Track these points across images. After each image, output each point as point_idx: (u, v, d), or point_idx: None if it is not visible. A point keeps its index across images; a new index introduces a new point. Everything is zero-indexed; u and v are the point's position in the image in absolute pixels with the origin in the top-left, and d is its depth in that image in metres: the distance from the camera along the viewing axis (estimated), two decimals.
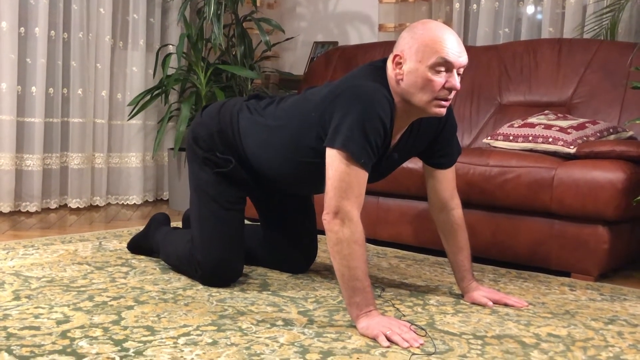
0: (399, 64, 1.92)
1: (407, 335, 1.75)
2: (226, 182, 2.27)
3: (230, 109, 2.30)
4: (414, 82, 1.90)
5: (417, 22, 1.96)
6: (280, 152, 2.15)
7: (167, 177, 4.48)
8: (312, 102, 2.06)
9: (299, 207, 2.50)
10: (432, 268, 2.71)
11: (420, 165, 2.25)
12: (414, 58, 1.89)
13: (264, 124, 2.20)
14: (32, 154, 3.78)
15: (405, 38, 1.93)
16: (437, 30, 1.90)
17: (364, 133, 1.84)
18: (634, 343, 1.86)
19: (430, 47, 1.87)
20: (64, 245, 2.84)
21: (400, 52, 1.92)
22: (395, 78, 1.93)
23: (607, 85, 3.20)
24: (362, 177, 1.87)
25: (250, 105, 2.28)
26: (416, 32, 1.91)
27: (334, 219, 1.85)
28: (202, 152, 2.29)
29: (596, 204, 2.54)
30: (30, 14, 3.74)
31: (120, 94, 4.27)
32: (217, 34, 3.94)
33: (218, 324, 1.85)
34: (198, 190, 2.30)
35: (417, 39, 1.89)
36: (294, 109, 2.14)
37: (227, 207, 2.27)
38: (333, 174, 1.86)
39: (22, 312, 1.89)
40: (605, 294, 2.41)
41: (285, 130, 2.13)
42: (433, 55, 1.86)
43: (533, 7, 3.84)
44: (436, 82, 1.88)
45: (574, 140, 2.76)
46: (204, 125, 2.31)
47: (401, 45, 1.93)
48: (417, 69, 1.89)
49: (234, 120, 2.26)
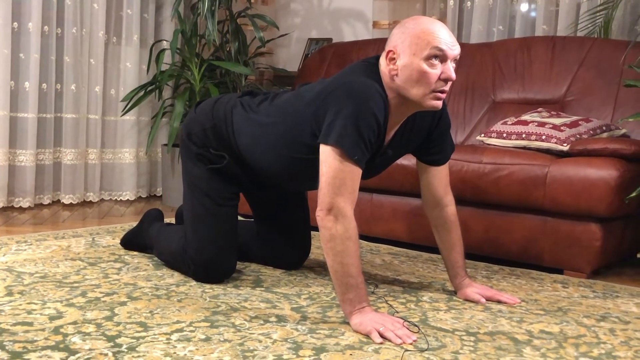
0: (393, 60, 1.92)
1: (400, 332, 1.76)
2: (220, 178, 2.27)
3: (223, 106, 2.29)
4: (409, 76, 1.90)
5: (407, 19, 1.97)
6: (274, 149, 2.15)
7: (160, 173, 4.47)
8: (306, 98, 2.06)
9: (292, 203, 2.50)
10: (425, 265, 2.71)
11: (414, 162, 2.25)
12: (407, 52, 1.89)
13: (257, 120, 2.19)
14: (25, 149, 3.77)
15: (397, 34, 1.93)
16: (428, 24, 1.90)
17: (357, 129, 1.84)
18: (625, 340, 1.87)
19: (422, 39, 1.87)
20: (57, 241, 2.83)
21: (393, 48, 1.92)
22: (389, 74, 1.94)
23: (600, 83, 3.21)
24: (356, 173, 1.87)
25: (244, 101, 2.27)
26: (407, 26, 1.91)
27: (328, 215, 1.85)
28: (196, 148, 2.28)
29: (589, 201, 2.55)
30: (23, 9, 3.72)
31: (114, 90, 4.26)
32: (211, 30, 3.93)
33: (211, 320, 1.85)
34: (191, 186, 2.30)
35: (409, 33, 1.89)
36: (287, 105, 2.14)
37: (220, 203, 2.27)
38: (327, 170, 1.86)
39: (15, 307, 1.88)
40: (598, 291, 2.42)
41: (279, 126, 2.13)
42: (426, 47, 1.87)
43: (527, 5, 3.85)
44: (431, 73, 1.88)
45: (567, 137, 2.77)
46: (198, 122, 2.31)
47: (393, 41, 1.93)
48: (411, 63, 1.89)
49: (228, 116, 2.26)
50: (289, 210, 2.50)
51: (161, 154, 4.41)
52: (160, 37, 4.43)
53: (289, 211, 2.49)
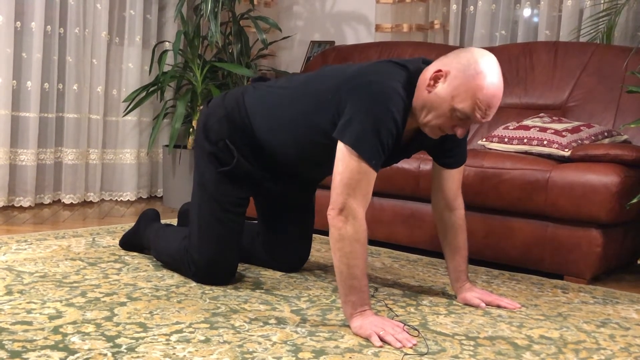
0: (437, 79, 1.89)
1: (400, 336, 1.75)
2: (229, 182, 2.25)
3: (234, 94, 2.30)
4: (432, 104, 1.89)
5: (478, 53, 1.89)
6: (289, 127, 2.12)
7: (161, 174, 4.47)
8: (331, 82, 2.02)
9: (300, 208, 2.49)
10: (425, 268, 2.71)
11: (415, 166, 2.25)
12: (449, 88, 1.87)
13: (272, 97, 2.18)
14: (27, 148, 3.77)
15: (456, 64, 1.88)
16: (486, 80, 1.86)
17: (376, 134, 1.83)
18: (625, 346, 1.86)
19: (469, 94, 1.85)
20: (57, 241, 2.83)
21: (446, 72, 1.88)
22: (426, 87, 1.91)
23: (602, 88, 3.21)
24: (371, 176, 1.86)
25: (256, 85, 2.28)
26: (470, 66, 1.86)
27: (339, 215, 1.84)
28: (209, 146, 2.25)
29: (590, 207, 2.55)
30: (26, 9, 3.73)
31: (116, 90, 4.26)
32: (214, 31, 3.93)
33: (211, 321, 1.85)
34: (201, 188, 2.28)
35: (465, 77, 1.85)
36: (309, 84, 2.12)
37: (227, 209, 2.25)
38: (342, 170, 1.85)
39: (15, 307, 1.88)
40: (598, 296, 2.42)
41: (297, 104, 2.10)
42: (464, 103, 1.86)
43: (530, 10, 3.85)
44: (447, 122, 1.90)
45: (569, 143, 2.77)
46: (211, 114, 2.29)
47: (452, 65, 1.88)
48: (444, 99, 1.87)
49: (240, 101, 2.24)
50: (296, 215, 2.48)
51: (162, 155, 4.41)
52: (162, 38, 4.44)
53: (295, 214, 2.48)
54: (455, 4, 4.00)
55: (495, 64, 1.90)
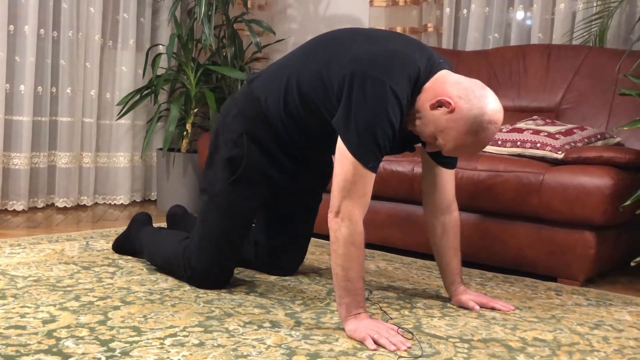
0: (442, 106, 1.85)
1: (394, 339, 1.76)
2: (242, 192, 2.22)
3: (240, 91, 2.31)
4: (425, 117, 1.89)
5: (491, 113, 1.83)
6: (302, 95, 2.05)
7: (155, 177, 4.47)
8: (345, 53, 1.94)
9: (304, 213, 2.48)
10: (419, 271, 2.71)
11: (409, 168, 2.25)
12: (445, 122, 1.85)
13: (281, 70, 2.14)
14: (20, 152, 3.76)
15: (469, 111, 1.83)
16: (477, 145, 1.88)
17: (374, 137, 1.82)
18: (619, 348, 1.87)
19: (455, 143, 1.87)
20: (50, 245, 2.83)
21: (452, 109, 1.84)
22: (429, 101, 1.87)
23: (595, 91, 3.22)
24: (369, 178, 1.86)
25: (259, 72, 2.27)
26: (475, 123, 1.83)
27: (335, 217, 1.85)
28: (226, 150, 2.20)
29: (583, 210, 2.56)
30: (19, 12, 3.72)
31: (109, 94, 4.26)
32: (208, 34, 3.93)
33: (205, 325, 1.85)
34: (210, 198, 2.24)
35: (464, 129, 1.83)
36: (329, 48, 2.04)
37: (234, 221, 2.24)
38: (339, 172, 1.85)
39: (8, 311, 1.88)
40: (591, 299, 2.42)
41: (312, 63, 2.03)
42: (446, 144, 1.88)
43: (523, 13, 3.86)
44: (425, 137, 1.93)
45: (562, 145, 2.78)
46: (226, 115, 2.25)
47: (461, 106, 1.83)
48: (435, 125, 1.87)
49: (247, 93, 2.22)
50: (300, 216, 2.48)
51: (156, 158, 4.40)
52: (156, 42, 4.43)
53: (299, 216, 2.47)
54: (448, 7, 4.00)
55: (496, 133, 1.93)
